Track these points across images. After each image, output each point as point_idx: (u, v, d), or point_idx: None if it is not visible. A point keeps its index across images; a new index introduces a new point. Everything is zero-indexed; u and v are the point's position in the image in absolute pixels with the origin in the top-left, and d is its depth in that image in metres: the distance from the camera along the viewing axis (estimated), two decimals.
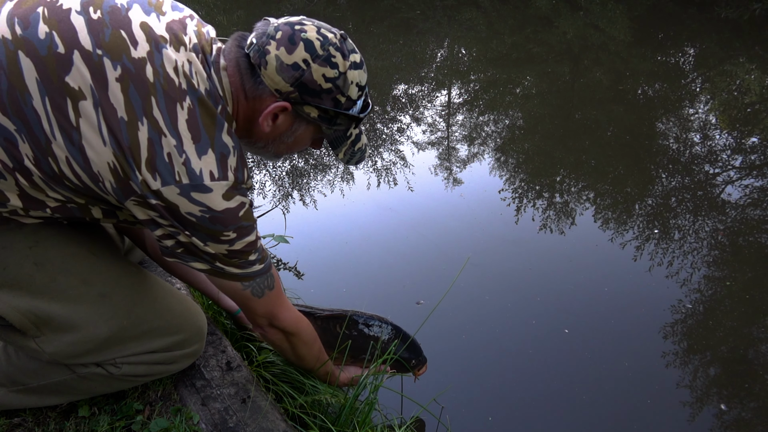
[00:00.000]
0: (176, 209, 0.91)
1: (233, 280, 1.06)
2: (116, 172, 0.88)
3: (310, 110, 0.99)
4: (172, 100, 0.87)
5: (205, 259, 1.00)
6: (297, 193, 3.64)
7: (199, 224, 0.93)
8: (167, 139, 0.87)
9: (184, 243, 0.97)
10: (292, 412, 1.38)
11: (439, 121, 4.98)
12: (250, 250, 1.03)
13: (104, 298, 1.09)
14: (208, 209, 0.92)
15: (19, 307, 1.01)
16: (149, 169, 0.87)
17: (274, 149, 1.09)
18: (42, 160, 0.88)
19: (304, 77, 0.95)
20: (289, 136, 1.05)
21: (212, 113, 0.91)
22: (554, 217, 3.28)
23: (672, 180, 3.67)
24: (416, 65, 6.70)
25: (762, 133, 4.40)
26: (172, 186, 0.88)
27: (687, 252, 2.89)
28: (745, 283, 2.67)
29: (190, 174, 0.89)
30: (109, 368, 1.16)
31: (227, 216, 0.94)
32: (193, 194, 0.90)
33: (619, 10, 8.06)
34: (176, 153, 0.87)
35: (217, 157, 0.91)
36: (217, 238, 0.96)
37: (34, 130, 0.86)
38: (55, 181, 0.91)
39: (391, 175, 3.86)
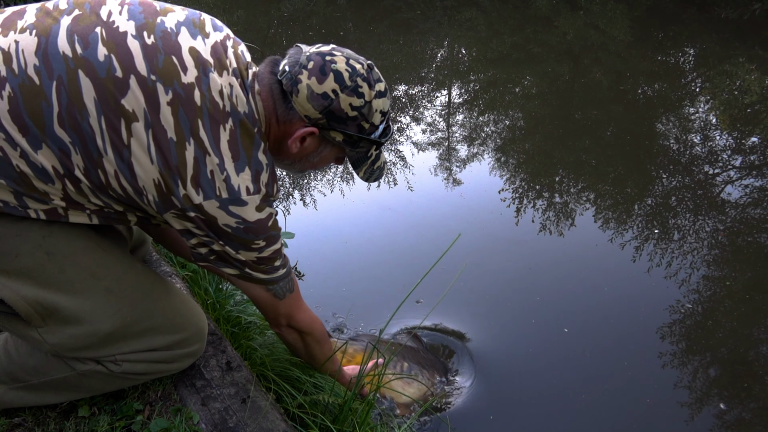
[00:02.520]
0: (214, 221, 0.99)
1: (260, 284, 1.14)
2: (160, 187, 0.96)
3: (335, 135, 1.07)
4: (216, 122, 0.95)
5: (236, 266, 1.08)
6: (297, 193, 3.64)
7: (234, 234, 1.02)
8: (211, 158, 0.95)
9: (218, 251, 1.05)
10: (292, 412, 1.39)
11: (439, 120, 4.98)
12: (276, 257, 1.11)
13: (110, 293, 1.10)
14: (243, 221, 1.01)
15: (26, 296, 1.02)
16: (193, 185, 0.95)
17: (299, 166, 1.17)
18: (92, 171, 0.95)
19: (332, 106, 1.02)
20: (314, 157, 1.14)
21: (251, 134, 1.00)
22: (554, 217, 3.28)
23: (672, 180, 3.67)
24: (416, 65, 6.70)
25: (762, 133, 4.40)
26: (213, 200, 0.97)
27: (687, 252, 2.89)
28: (744, 284, 2.68)
29: (229, 189, 0.97)
30: (109, 365, 1.16)
31: (258, 226, 1.03)
32: (231, 207, 0.99)
33: (619, 10, 8.06)
34: (218, 170, 0.96)
35: (252, 174, 1.00)
36: (249, 247, 1.05)
37: (88, 144, 0.92)
38: (101, 190, 0.98)
39: (391, 176, 3.86)
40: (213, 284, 1.84)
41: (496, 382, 2.11)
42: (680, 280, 2.67)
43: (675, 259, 2.82)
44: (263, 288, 1.15)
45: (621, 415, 2.00)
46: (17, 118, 0.90)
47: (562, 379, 2.12)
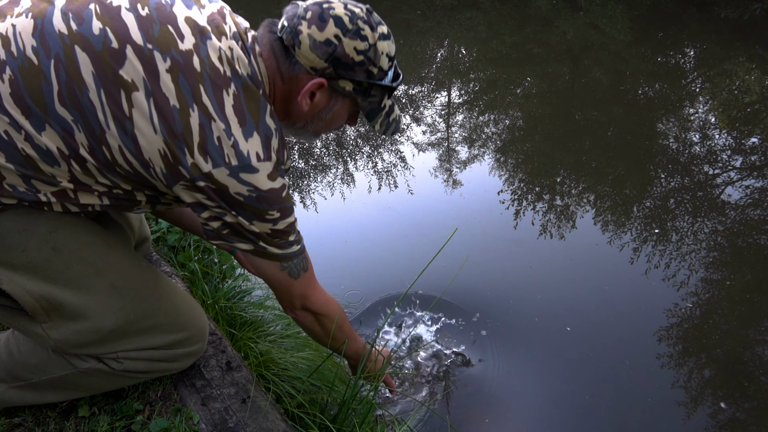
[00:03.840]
0: (225, 190, 0.95)
1: (274, 260, 1.10)
2: (166, 158, 0.93)
3: (345, 84, 1.04)
4: (218, 87, 0.93)
5: (250, 239, 1.05)
6: (297, 194, 3.64)
7: (247, 203, 0.98)
8: (216, 123, 0.92)
9: (231, 223, 1.02)
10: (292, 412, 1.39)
11: (439, 121, 4.98)
12: (291, 231, 1.08)
13: (114, 290, 1.10)
14: (255, 189, 0.97)
15: (32, 291, 1.02)
16: (201, 153, 0.92)
17: (313, 128, 1.13)
18: (96, 149, 0.93)
19: (336, 52, 0.99)
20: (326, 113, 1.09)
21: (256, 97, 0.97)
22: (554, 217, 3.28)
23: (672, 180, 3.67)
24: (416, 65, 6.70)
25: (762, 133, 4.40)
26: (222, 168, 0.93)
27: (686, 252, 2.89)
28: (744, 284, 2.68)
29: (238, 156, 0.94)
30: (110, 363, 1.16)
31: (272, 195, 0.99)
32: (242, 175, 0.95)
33: (619, 9, 8.06)
34: (225, 136, 0.93)
35: (262, 139, 0.96)
36: (263, 217, 1.01)
37: (90, 120, 0.91)
38: (108, 167, 0.96)
39: (391, 177, 3.86)
40: (211, 284, 1.84)
41: (494, 381, 2.11)
42: (680, 280, 2.67)
43: (674, 260, 2.82)
44: (278, 266, 1.12)
45: (621, 416, 2.00)
46: (19, 100, 0.90)
47: (562, 380, 2.12)
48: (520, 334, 2.34)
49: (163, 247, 2.03)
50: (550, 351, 2.26)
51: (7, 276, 1.01)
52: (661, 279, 2.68)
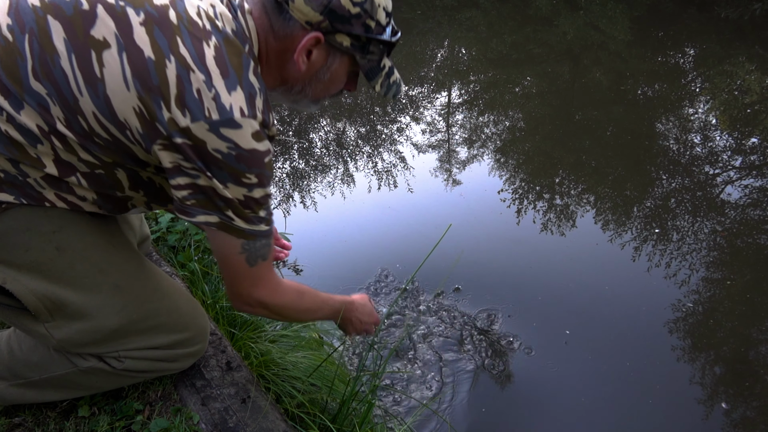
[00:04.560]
0: (203, 146, 0.89)
1: (238, 236, 1.01)
2: (142, 115, 0.88)
3: (342, 39, 1.00)
4: (198, 38, 0.88)
5: (218, 208, 0.97)
6: (297, 194, 3.64)
7: (224, 162, 0.91)
8: (196, 74, 0.87)
9: (203, 187, 0.94)
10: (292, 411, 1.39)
11: (439, 120, 4.98)
12: (264, 204, 1.01)
13: (118, 290, 1.10)
14: (236, 146, 0.90)
15: (35, 290, 1.02)
16: (178, 106, 0.87)
17: (311, 91, 1.08)
18: (72, 120, 0.90)
19: (332, 4, 0.95)
20: (324, 72, 1.04)
21: (239, 51, 0.91)
22: (554, 217, 3.28)
23: (672, 180, 3.67)
24: (416, 65, 6.69)
25: (762, 133, 4.40)
26: (201, 122, 0.87)
27: (687, 252, 2.89)
28: (744, 284, 2.68)
29: (220, 109, 0.88)
30: (111, 362, 1.16)
31: (253, 157, 0.93)
32: (222, 130, 0.88)
33: (619, 9, 8.06)
34: (205, 88, 0.87)
35: (246, 96, 0.90)
36: (239, 180, 0.94)
37: (63, 90, 0.88)
38: (86, 138, 0.92)
39: (391, 176, 3.86)
40: (212, 284, 1.84)
41: (493, 382, 2.11)
42: (680, 280, 2.67)
43: (675, 259, 2.82)
44: (237, 248, 1.02)
45: (621, 417, 2.00)
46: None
47: (561, 380, 2.12)
48: (519, 335, 2.34)
49: (163, 247, 2.03)
50: (549, 352, 2.26)
51: (10, 275, 1.00)
52: (662, 278, 2.69)
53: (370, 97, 5.56)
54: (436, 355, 2.21)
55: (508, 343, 2.28)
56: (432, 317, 2.40)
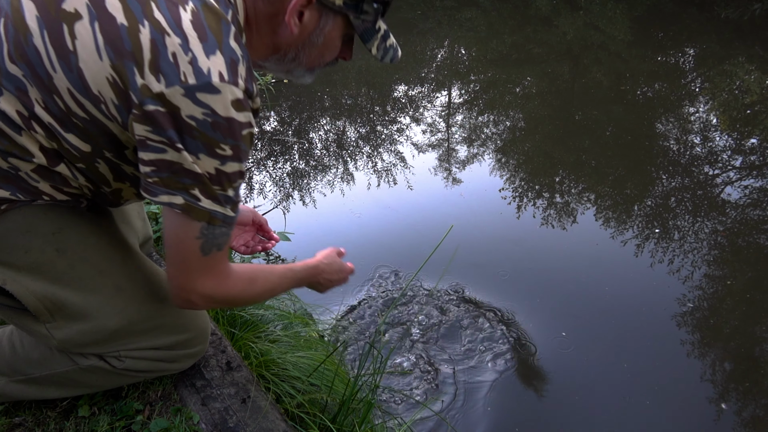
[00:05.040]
0: (177, 113, 0.83)
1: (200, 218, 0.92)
2: (116, 85, 0.84)
3: None
4: (174, 3, 0.84)
5: (184, 186, 0.89)
6: (297, 193, 3.64)
7: (198, 129, 0.85)
8: (171, 38, 0.82)
9: (169, 163, 0.87)
10: (292, 412, 1.39)
11: (439, 121, 4.98)
12: (235, 182, 0.93)
13: (119, 291, 1.10)
14: (212, 113, 0.84)
15: (36, 291, 1.01)
16: (152, 71, 0.82)
17: (305, 58, 1.03)
18: (49, 101, 0.88)
19: None
20: (318, 35, 0.99)
21: (218, 16, 0.86)
22: (554, 217, 3.28)
23: (672, 180, 3.67)
24: (416, 65, 6.70)
25: (762, 133, 4.40)
26: (176, 86, 0.82)
27: (687, 252, 2.89)
28: (745, 283, 2.68)
29: (196, 73, 0.82)
30: (111, 361, 1.16)
31: (230, 126, 0.86)
32: (199, 95, 0.83)
33: (619, 10, 8.06)
34: (182, 52, 0.82)
35: (227, 61, 0.85)
36: (212, 150, 0.87)
37: (38, 69, 0.85)
38: (64, 120, 0.89)
39: (390, 175, 3.86)
40: None
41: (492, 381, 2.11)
42: (680, 279, 2.67)
43: (676, 258, 2.82)
44: (195, 232, 0.93)
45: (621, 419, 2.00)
46: None
47: (559, 382, 2.12)
48: (519, 336, 2.34)
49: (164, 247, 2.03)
50: (548, 352, 2.26)
51: (10, 276, 1.00)
52: (662, 279, 2.69)
53: (370, 97, 5.56)
54: (436, 355, 2.21)
55: (507, 343, 2.28)
56: (431, 317, 2.40)
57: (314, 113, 5.06)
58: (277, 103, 4.99)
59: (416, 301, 2.49)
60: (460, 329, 2.35)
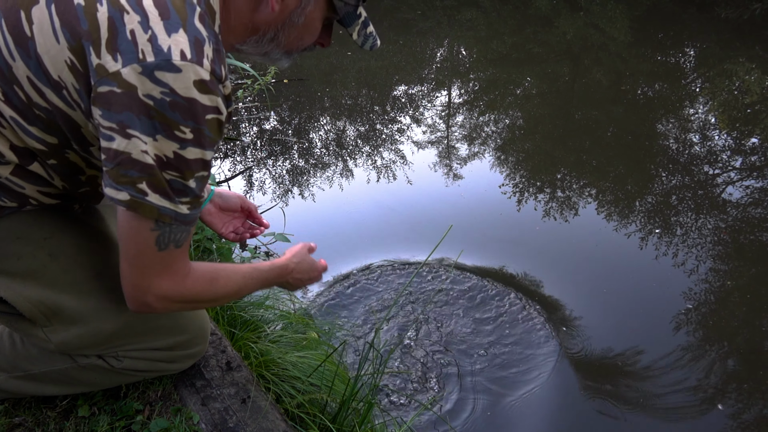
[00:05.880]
0: (133, 92, 0.77)
1: (149, 216, 0.85)
2: (74, 68, 0.80)
3: None
4: None
5: (131, 178, 0.82)
6: (297, 188, 3.64)
7: (155, 109, 0.78)
8: (130, 16, 0.77)
9: (116, 152, 0.81)
10: (292, 412, 1.39)
11: (439, 121, 4.98)
12: (197, 170, 0.86)
13: (114, 293, 1.09)
14: (172, 92, 0.78)
15: (30, 297, 1.01)
16: (109, 50, 0.77)
17: (284, 38, 0.98)
18: (10, 93, 0.84)
19: None
20: (299, 15, 0.96)
21: None
22: (553, 218, 3.28)
23: (672, 180, 3.67)
24: (416, 65, 6.70)
25: (762, 133, 4.40)
26: (134, 65, 0.76)
27: (688, 252, 2.89)
28: (745, 283, 2.67)
29: (156, 50, 0.77)
30: (110, 360, 1.16)
31: (191, 107, 0.80)
32: (157, 73, 0.77)
33: (619, 10, 8.06)
34: (140, 29, 0.77)
35: (191, 40, 0.79)
36: (171, 132, 0.80)
37: None
38: (27, 113, 0.86)
39: (390, 173, 3.86)
40: None
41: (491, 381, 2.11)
42: (680, 279, 2.67)
43: (676, 258, 2.82)
44: (149, 224, 0.86)
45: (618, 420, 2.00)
46: None
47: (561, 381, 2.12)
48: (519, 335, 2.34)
49: None
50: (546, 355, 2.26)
51: (4, 283, 1.00)
52: (663, 280, 2.68)
53: (370, 97, 5.56)
54: (436, 355, 2.21)
55: (508, 343, 2.28)
56: (432, 317, 2.40)
57: (314, 113, 5.06)
58: (277, 103, 4.99)
59: (416, 301, 2.48)
60: (460, 329, 2.35)
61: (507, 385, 2.10)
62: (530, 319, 2.41)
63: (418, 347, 2.23)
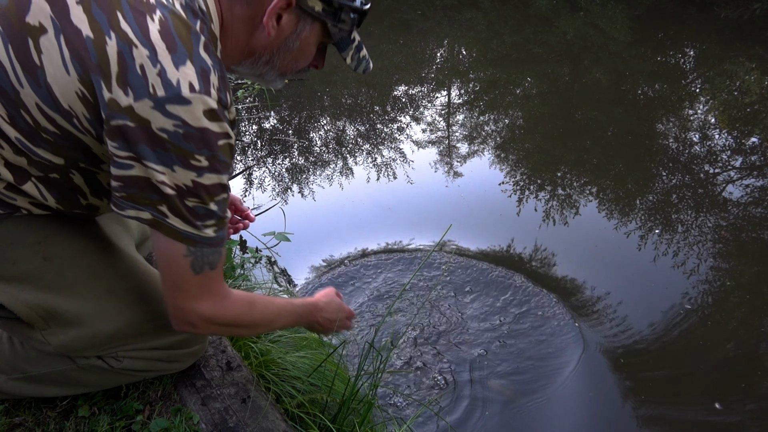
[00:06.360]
0: (147, 126, 0.81)
1: (174, 238, 0.90)
2: (85, 99, 0.82)
3: (314, 3, 0.96)
4: (141, 13, 0.82)
5: (152, 200, 0.87)
6: (296, 186, 3.64)
7: (171, 142, 0.82)
8: (139, 50, 0.80)
9: (135, 179, 0.85)
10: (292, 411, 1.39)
11: (439, 120, 4.98)
12: (216, 194, 0.90)
13: (111, 294, 1.09)
14: (184, 124, 0.82)
15: (27, 300, 1.01)
16: (120, 84, 0.80)
17: (279, 62, 1.02)
18: (16, 116, 0.86)
19: None
20: (294, 40, 0.99)
21: (187, 25, 0.85)
22: (552, 220, 3.28)
23: (672, 179, 3.67)
24: (416, 65, 6.70)
25: (762, 133, 4.40)
26: (145, 100, 0.80)
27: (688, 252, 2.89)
28: (745, 283, 2.67)
29: (165, 85, 0.80)
30: (110, 361, 1.16)
31: (203, 136, 0.84)
32: (169, 107, 0.80)
33: (619, 10, 8.06)
34: (149, 64, 0.80)
35: (197, 71, 0.83)
36: (187, 162, 0.84)
37: (3, 85, 0.83)
38: (33, 136, 0.87)
39: (390, 172, 3.86)
40: None
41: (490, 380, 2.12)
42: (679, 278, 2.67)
43: (676, 257, 2.82)
44: (182, 250, 0.91)
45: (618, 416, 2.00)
46: None
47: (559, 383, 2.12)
48: (519, 335, 2.34)
49: None
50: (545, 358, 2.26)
51: (0, 288, 1.00)
52: (663, 281, 2.68)
53: (370, 97, 5.56)
54: (436, 355, 2.21)
55: (509, 343, 2.28)
56: (432, 316, 2.40)
57: (314, 113, 5.06)
58: (277, 103, 4.99)
59: (417, 301, 2.48)
60: (461, 328, 2.35)
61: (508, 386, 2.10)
62: (531, 319, 2.41)
63: (418, 347, 2.23)
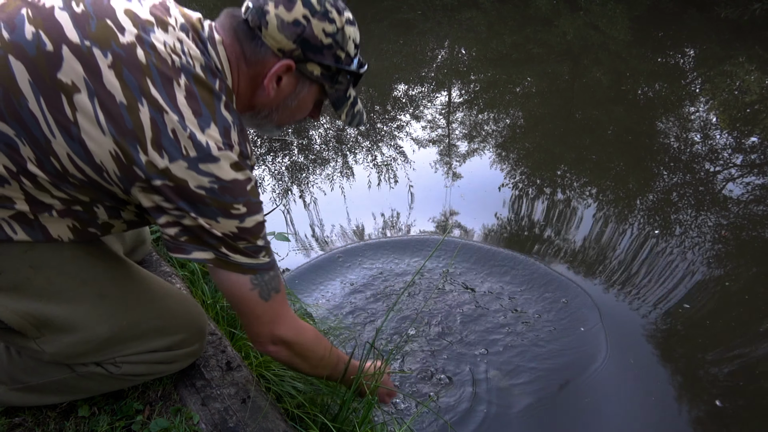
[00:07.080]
0: (185, 186, 0.90)
1: (238, 271, 1.00)
2: (119, 159, 0.88)
3: (313, 68, 1.02)
4: (168, 78, 0.88)
5: (211, 245, 0.96)
6: (296, 186, 3.64)
7: (209, 197, 0.91)
8: (169, 116, 0.87)
9: (190, 227, 0.94)
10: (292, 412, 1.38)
11: (439, 119, 4.98)
12: (259, 232, 1.00)
13: (103, 299, 1.09)
14: (217, 179, 0.91)
15: (17, 309, 1.01)
16: (155, 148, 0.87)
17: (277, 117, 1.09)
18: (45, 161, 0.89)
19: (305, 33, 0.97)
20: (293, 100, 1.06)
21: (209, 88, 0.92)
22: (552, 218, 3.28)
23: (673, 179, 3.67)
24: (416, 65, 6.70)
25: (762, 132, 4.40)
26: (179, 161, 0.88)
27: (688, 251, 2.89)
28: (744, 283, 2.67)
29: (197, 146, 0.89)
30: (108, 367, 1.16)
31: (236, 187, 0.93)
32: (201, 165, 0.89)
33: (619, 10, 8.06)
34: (180, 128, 0.88)
35: (221, 130, 0.92)
36: (228, 212, 0.94)
37: (33, 132, 0.86)
38: (60, 178, 0.91)
39: (391, 172, 3.86)
40: (212, 284, 1.84)
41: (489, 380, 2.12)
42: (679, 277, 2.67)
43: (677, 257, 2.82)
44: (247, 284, 1.01)
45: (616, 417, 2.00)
46: None
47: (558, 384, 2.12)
48: (519, 336, 2.34)
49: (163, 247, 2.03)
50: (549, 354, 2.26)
51: None
52: (664, 281, 2.68)
53: (370, 96, 5.56)
54: (437, 355, 2.21)
55: (510, 343, 2.28)
56: (432, 316, 2.40)
57: None
58: None
59: (417, 300, 2.48)
60: (461, 328, 2.35)
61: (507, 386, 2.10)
62: (529, 319, 2.41)
63: (419, 347, 2.23)
